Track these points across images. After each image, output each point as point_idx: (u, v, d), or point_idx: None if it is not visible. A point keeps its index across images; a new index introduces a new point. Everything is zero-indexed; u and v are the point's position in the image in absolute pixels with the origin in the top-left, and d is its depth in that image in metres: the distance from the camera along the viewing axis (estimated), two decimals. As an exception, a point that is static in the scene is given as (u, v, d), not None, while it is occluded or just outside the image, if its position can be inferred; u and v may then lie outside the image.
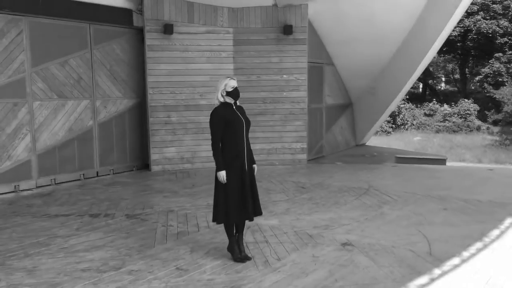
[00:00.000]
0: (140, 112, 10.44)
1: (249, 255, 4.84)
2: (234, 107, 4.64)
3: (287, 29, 10.47)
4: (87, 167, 9.48)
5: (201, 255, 4.89)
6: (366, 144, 14.84)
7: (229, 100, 4.62)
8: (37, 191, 8.29)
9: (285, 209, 6.77)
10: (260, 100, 10.58)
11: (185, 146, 10.32)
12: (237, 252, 4.70)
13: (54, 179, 8.89)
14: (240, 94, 4.76)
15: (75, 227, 6.01)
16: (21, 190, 8.36)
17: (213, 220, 4.65)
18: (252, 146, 4.77)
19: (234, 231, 4.78)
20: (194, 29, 10.22)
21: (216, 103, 4.62)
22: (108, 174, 9.83)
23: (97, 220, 6.35)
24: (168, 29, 9.89)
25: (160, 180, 9.19)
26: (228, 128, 4.53)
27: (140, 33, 10.18)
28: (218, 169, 4.51)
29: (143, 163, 10.55)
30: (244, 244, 5.01)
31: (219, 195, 4.59)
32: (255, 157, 4.93)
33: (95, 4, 9.31)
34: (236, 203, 4.54)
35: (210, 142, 4.59)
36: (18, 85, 8.30)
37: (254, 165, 4.83)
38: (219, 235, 5.50)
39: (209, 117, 4.56)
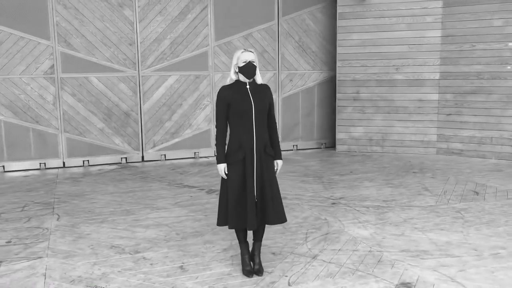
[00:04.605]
0: (332, 86, 9.73)
1: (269, 270, 3.92)
2: (247, 86, 3.73)
3: (518, -19, 7.89)
4: (267, 140, 9.43)
5: (224, 257, 4.22)
6: None
7: (243, 78, 3.73)
8: (210, 160, 8.72)
9: (404, 219, 5.23)
10: (473, 76, 8.38)
11: (374, 127, 9.12)
12: (246, 263, 3.86)
13: (233, 149, 9.18)
14: (448, 67, 3.61)
15: (177, 201, 6.06)
16: (200, 157, 8.96)
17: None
18: (458, 132, 3.54)
19: (252, 238, 3.94)
20: (392, -9, 8.77)
21: (228, 81, 3.80)
22: (291, 150, 9.58)
23: (206, 196, 6.26)
24: (360, -7, 8.79)
25: (328, 162, 8.42)
26: (233, 111, 3.68)
27: (336, 1, 9.37)
28: (217, 161, 3.74)
29: (333, 141, 9.87)
30: (260, 255, 4.08)
31: (221, 193, 3.82)
32: (461, 146, 3.73)
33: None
34: (235, 205, 3.69)
35: (404, 124, 3.74)
36: (201, 58, 8.78)
37: (278, 161, 3.83)
38: (280, 236, 4.65)
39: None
